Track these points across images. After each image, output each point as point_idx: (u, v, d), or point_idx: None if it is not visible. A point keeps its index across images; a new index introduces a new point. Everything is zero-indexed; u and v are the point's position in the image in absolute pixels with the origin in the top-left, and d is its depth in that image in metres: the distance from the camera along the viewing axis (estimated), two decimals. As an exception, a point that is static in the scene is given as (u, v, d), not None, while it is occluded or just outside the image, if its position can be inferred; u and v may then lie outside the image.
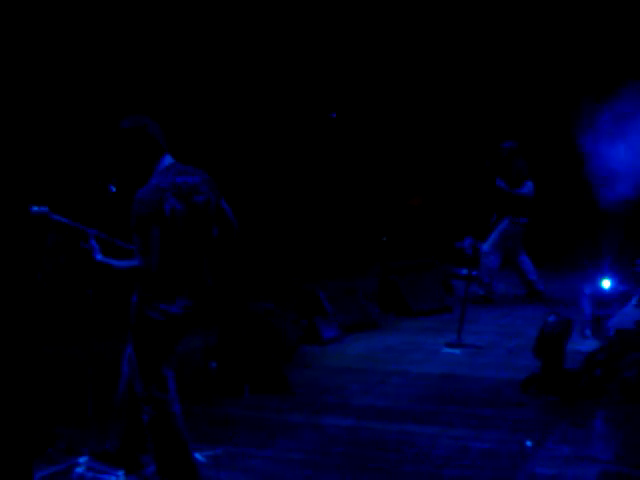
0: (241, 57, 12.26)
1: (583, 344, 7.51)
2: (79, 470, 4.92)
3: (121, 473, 4.82)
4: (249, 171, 12.58)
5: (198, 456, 5.03)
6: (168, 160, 4.51)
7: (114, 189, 4.76)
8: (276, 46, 12.59)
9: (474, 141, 13.32)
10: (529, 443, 5.50)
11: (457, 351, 8.01)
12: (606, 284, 8.19)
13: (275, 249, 12.63)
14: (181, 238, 4.36)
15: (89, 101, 9.71)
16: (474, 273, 9.71)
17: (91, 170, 8.67)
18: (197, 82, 11.65)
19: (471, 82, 13.49)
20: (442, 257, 11.55)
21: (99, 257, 4.36)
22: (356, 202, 13.79)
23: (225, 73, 12.14)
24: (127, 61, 10.20)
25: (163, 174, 4.42)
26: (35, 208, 4.47)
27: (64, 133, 9.42)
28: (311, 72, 13.19)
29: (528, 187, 10.21)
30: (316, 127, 13.30)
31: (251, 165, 12.74)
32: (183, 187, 4.40)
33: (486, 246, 10.23)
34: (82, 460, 4.98)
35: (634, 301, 7.21)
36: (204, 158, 6.13)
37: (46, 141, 8.76)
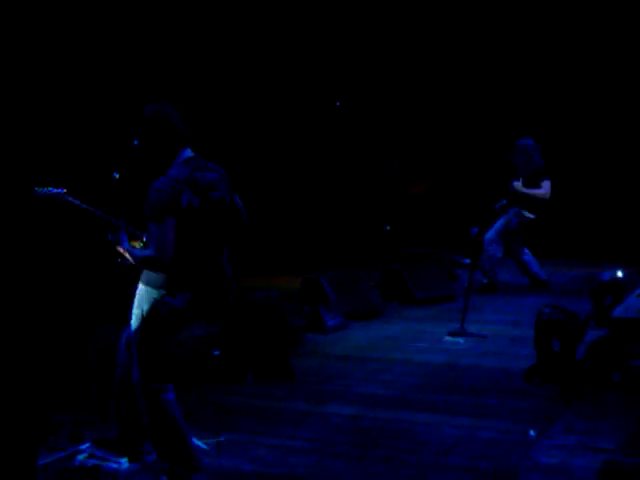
0: (243, 47, 12.23)
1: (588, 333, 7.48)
2: (81, 457, 4.92)
3: (124, 460, 4.82)
4: (252, 160, 12.57)
5: (201, 443, 5.04)
6: (188, 153, 4.48)
7: (117, 176, 4.73)
8: (279, 34, 12.56)
9: (479, 129, 13.28)
10: (532, 432, 5.49)
11: (460, 340, 8.00)
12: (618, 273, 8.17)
13: (278, 238, 12.62)
14: (194, 232, 4.35)
15: (94, 90, 9.69)
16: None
17: (95, 157, 8.66)
18: (201, 74, 11.61)
19: (477, 71, 13.44)
20: (446, 246, 11.52)
21: (125, 245, 4.35)
22: (359, 191, 13.77)
23: (227, 64, 12.11)
24: (131, 51, 10.17)
25: (182, 166, 4.40)
26: (52, 190, 4.40)
27: (69, 121, 9.40)
28: (315, 60, 13.15)
29: (546, 187, 9.98)
30: (319, 115, 13.27)
31: (254, 154, 12.72)
32: (201, 182, 4.38)
33: (489, 234, 10.15)
34: (84, 447, 4.98)
35: (638, 291, 7.18)
36: (208, 148, 6.10)
37: (51, 128, 8.74)
